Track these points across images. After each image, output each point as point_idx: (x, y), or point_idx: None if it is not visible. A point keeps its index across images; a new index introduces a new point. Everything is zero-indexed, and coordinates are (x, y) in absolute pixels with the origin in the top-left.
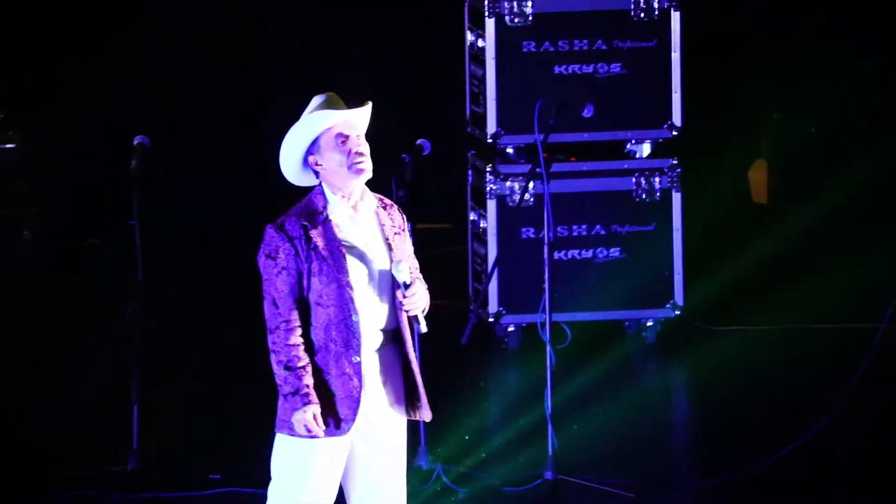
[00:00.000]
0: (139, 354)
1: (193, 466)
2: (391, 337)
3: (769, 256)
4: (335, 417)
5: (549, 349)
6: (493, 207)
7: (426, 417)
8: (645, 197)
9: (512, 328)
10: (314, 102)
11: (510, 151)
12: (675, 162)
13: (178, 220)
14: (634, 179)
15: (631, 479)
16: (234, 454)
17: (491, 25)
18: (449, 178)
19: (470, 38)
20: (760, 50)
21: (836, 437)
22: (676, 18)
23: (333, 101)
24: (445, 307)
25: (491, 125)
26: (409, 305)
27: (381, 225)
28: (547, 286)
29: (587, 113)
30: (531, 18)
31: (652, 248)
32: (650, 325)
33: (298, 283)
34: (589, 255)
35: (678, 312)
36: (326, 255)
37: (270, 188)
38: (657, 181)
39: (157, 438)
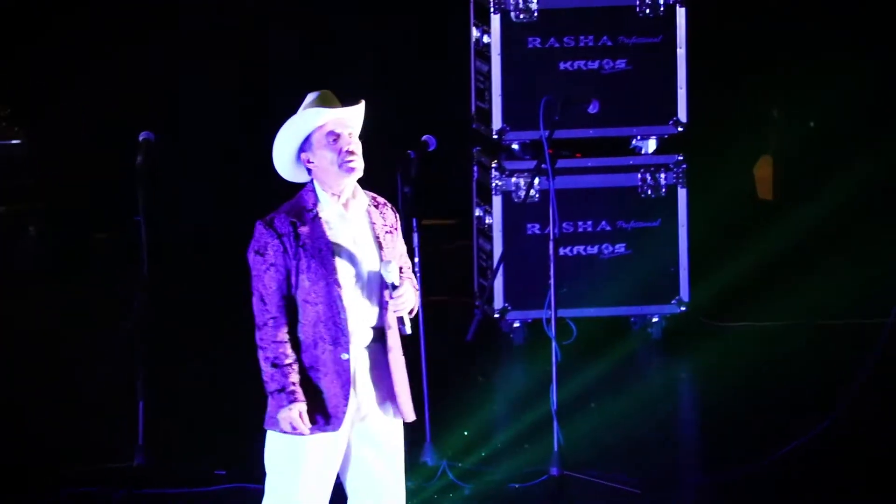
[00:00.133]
0: (145, 350)
1: (199, 462)
2: (380, 335)
3: (774, 252)
4: (324, 414)
5: (554, 345)
6: (498, 203)
7: (406, 418)
8: (650, 193)
9: (517, 324)
10: (307, 99)
11: (515, 147)
12: (680, 158)
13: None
14: (640, 175)
15: (636, 475)
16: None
17: (496, 21)
18: (454, 174)
19: (475, 33)
20: (766, 45)
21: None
22: (682, 14)
23: (327, 98)
24: (451, 303)
25: (496, 121)
26: (394, 306)
27: (371, 223)
28: (552, 282)
29: (592, 109)
30: (536, 14)
31: (657, 244)
32: (655, 320)
33: (287, 279)
34: (594, 250)
35: (683, 308)
36: (315, 252)
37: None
38: (662, 177)
39: (162, 434)
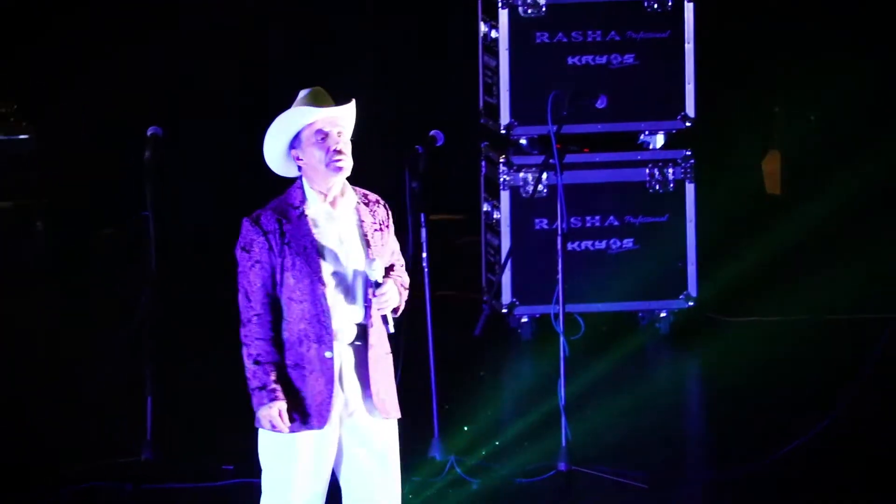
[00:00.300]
0: (152, 346)
1: (206, 457)
2: (365, 332)
3: (782, 247)
4: (309, 412)
5: (562, 340)
6: (506, 198)
7: (385, 416)
8: (658, 188)
9: (525, 319)
10: (299, 96)
11: (523, 142)
12: (688, 153)
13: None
14: (648, 170)
15: (644, 470)
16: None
17: (504, 16)
18: (462, 168)
19: (483, 29)
20: (774, 40)
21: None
22: (690, 9)
23: (318, 96)
24: (458, 298)
25: (504, 116)
26: (377, 305)
27: (360, 221)
28: (560, 277)
29: (600, 104)
30: (544, 9)
31: (665, 239)
32: (663, 316)
33: (272, 277)
34: (602, 245)
35: (691, 303)
36: (300, 250)
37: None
38: (671, 172)
39: (170, 429)
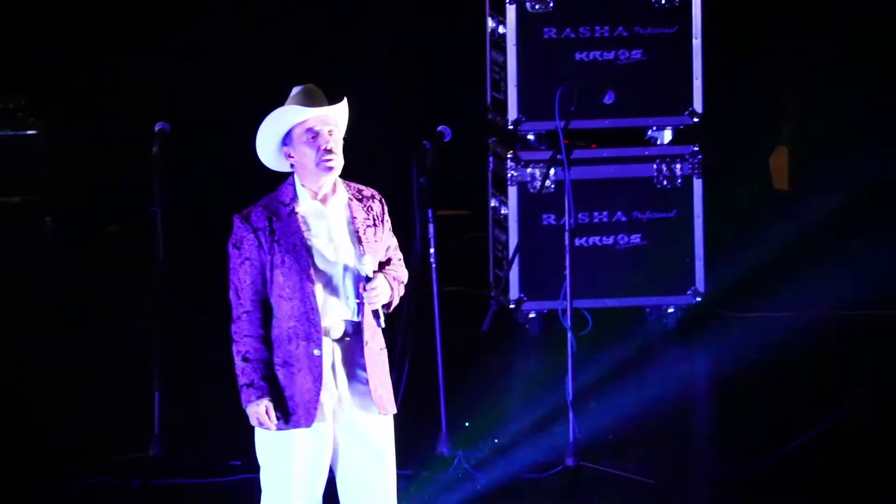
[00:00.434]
0: (160, 340)
1: (214, 453)
2: (358, 329)
3: (790, 243)
4: (298, 410)
5: (570, 336)
6: (514, 194)
7: (382, 412)
8: (666, 183)
9: (533, 315)
10: (291, 93)
11: (531, 138)
12: (696, 148)
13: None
14: (655, 166)
15: (652, 466)
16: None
17: (512, 12)
18: (470, 164)
19: (491, 24)
20: (781, 36)
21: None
22: (697, 4)
23: (310, 93)
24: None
25: (512, 112)
26: (367, 300)
27: (352, 218)
28: (568, 273)
29: (608, 99)
30: (552, 5)
31: (673, 234)
32: (671, 311)
33: (261, 274)
34: (610, 241)
35: (699, 299)
36: (289, 248)
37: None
38: (678, 168)
39: (178, 425)
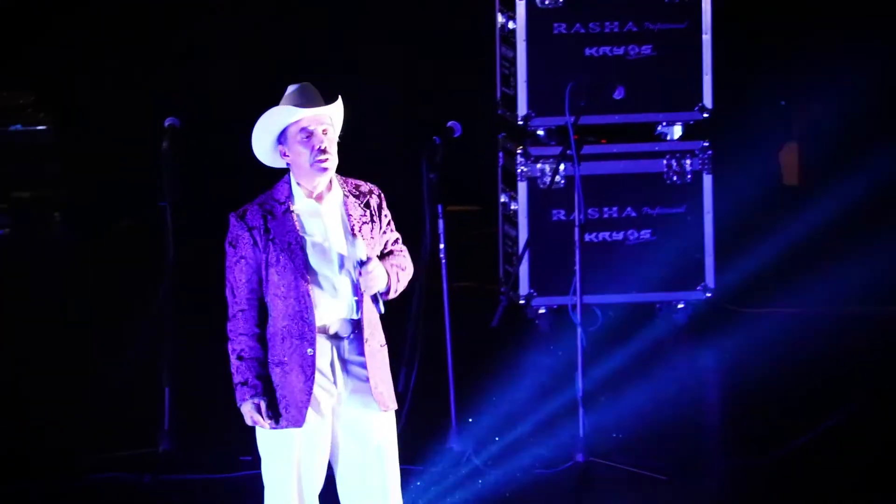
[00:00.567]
0: (171, 336)
1: (224, 448)
2: (357, 326)
3: (800, 238)
4: (289, 409)
5: (579, 331)
6: (523, 190)
7: (383, 408)
8: (676, 179)
9: (542, 310)
10: (286, 92)
11: (541, 133)
12: (706, 144)
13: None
14: (665, 161)
15: (662, 461)
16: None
17: (522, 7)
18: (480, 160)
19: (501, 19)
20: (792, 31)
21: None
22: (707, 0)
23: (304, 93)
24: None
25: (522, 107)
26: (364, 284)
27: (347, 216)
28: (578, 268)
29: (618, 95)
30: (562, 0)
31: (683, 230)
32: (681, 307)
33: (257, 272)
34: (620, 237)
35: (709, 295)
36: (284, 246)
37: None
38: (688, 163)
39: (188, 420)
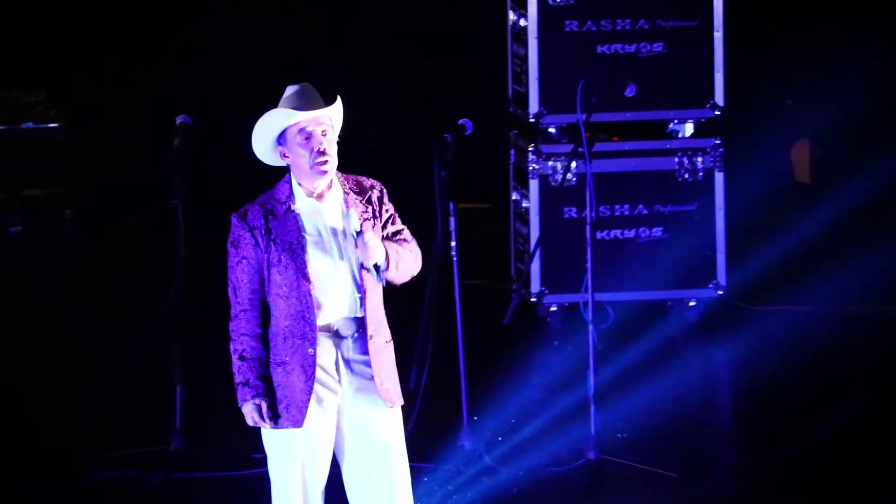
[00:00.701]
0: (182, 334)
1: (236, 446)
2: (362, 324)
3: (812, 236)
4: (289, 408)
5: (591, 329)
6: (535, 187)
7: (389, 404)
8: (687, 177)
9: (554, 308)
10: (285, 93)
11: (552, 131)
12: (717, 141)
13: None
14: (677, 159)
15: (674, 459)
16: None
17: (533, 5)
18: (491, 157)
19: (512, 17)
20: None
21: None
22: None
23: (303, 94)
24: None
25: (533, 105)
26: (362, 255)
27: (348, 214)
28: (589, 266)
29: (629, 92)
30: None
31: (694, 227)
32: (693, 305)
33: (259, 273)
34: (631, 234)
35: (721, 292)
36: (285, 246)
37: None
38: (700, 161)
39: (199, 418)
